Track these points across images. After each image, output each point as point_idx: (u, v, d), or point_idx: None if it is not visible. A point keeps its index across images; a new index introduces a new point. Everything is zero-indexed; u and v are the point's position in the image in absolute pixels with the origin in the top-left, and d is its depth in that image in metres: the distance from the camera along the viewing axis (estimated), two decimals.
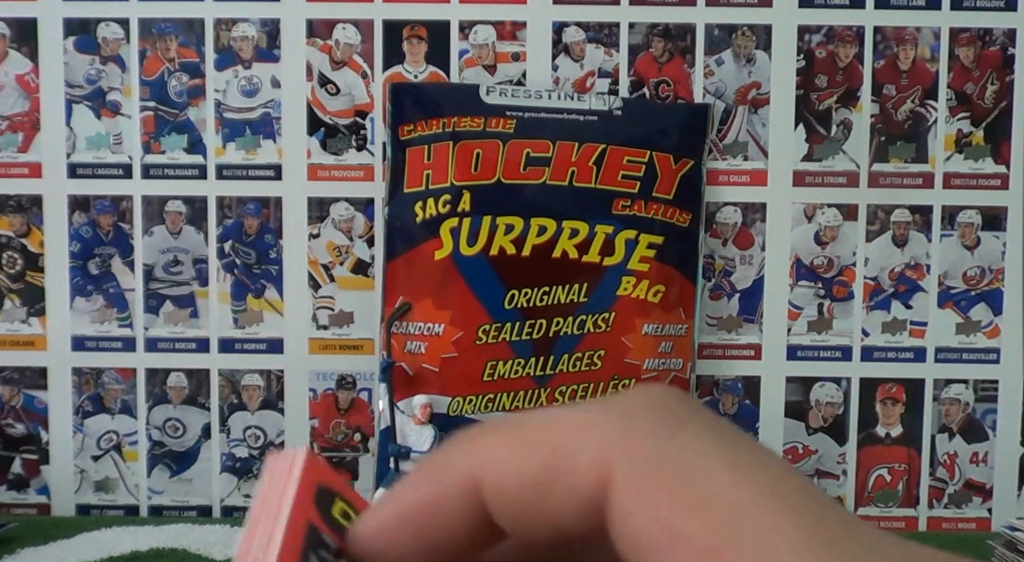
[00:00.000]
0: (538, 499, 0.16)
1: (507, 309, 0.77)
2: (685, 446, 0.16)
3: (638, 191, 0.79)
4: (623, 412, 0.16)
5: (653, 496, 0.15)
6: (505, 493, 0.17)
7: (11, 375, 0.83)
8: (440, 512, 0.17)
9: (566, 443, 0.16)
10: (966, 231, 0.83)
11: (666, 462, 0.15)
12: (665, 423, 0.16)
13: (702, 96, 0.82)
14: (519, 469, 0.16)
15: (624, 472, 0.15)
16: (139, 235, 0.83)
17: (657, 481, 0.15)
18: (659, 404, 0.17)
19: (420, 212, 0.78)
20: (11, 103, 0.82)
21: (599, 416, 0.16)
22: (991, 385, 0.83)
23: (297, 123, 0.82)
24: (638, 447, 0.16)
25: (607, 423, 0.16)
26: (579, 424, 0.16)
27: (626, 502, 0.15)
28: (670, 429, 0.16)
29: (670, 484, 0.15)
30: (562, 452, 0.16)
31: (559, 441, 0.16)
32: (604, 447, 0.16)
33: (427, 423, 0.75)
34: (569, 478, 0.16)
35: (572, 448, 0.16)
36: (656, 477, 0.15)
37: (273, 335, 0.83)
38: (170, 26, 0.82)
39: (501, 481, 0.17)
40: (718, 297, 0.83)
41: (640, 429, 0.16)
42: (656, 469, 0.15)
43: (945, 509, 0.84)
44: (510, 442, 0.17)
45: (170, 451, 0.84)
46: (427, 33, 0.82)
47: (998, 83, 0.82)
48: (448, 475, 0.17)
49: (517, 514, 0.17)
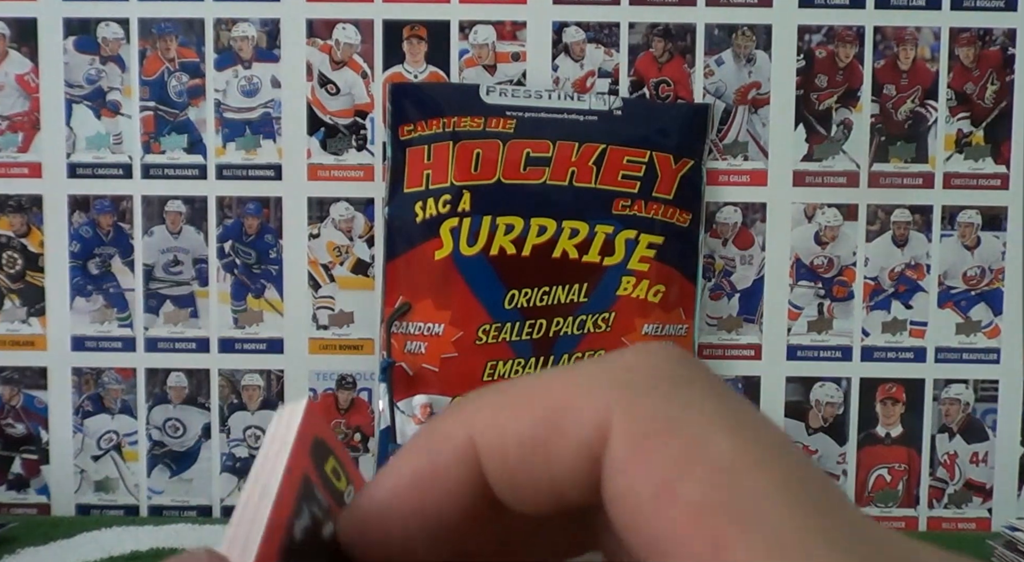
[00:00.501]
0: (537, 458, 0.16)
1: (507, 309, 0.77)
2: (686, 405, 0.15)
3: (638, 191, 0.79)
4: (624, 369, 0.16)
5: (650, 453, 0.15)
6: (504, 454, 0.16)
7: (11, 375, 0.83)
8: (438, 482, 0.16)
9: (564, 400, 0.16)
10: (966, 231, 0.83)
11: (665, 420, 0.15)
12: (667, 381, 0.16)
13: (702, 96, 0.82)
14: (516, 428, 0.16)
15: (622, 428, 0.15)
16: (139, 235, 0.83)
17: (655, 438, 0.15)
18: (662, 362, 0.16)
19: (420, 212, 0.78)
20: (11, 103, 0.82)
21: (599, 373, 0.16)
22: (991, 385, 0.83)
23: (297, 123, 0.82)
24: (638, 404, 0.15)
25: (607, 380, 0.16)
26: (578, 381, 0.16)
27: (622, 458, 0.15)
28: (672, 387, 0.16)
29: (668, 442, 0.15)
30: (561, 408, 0.16)
31: (557, 398, 0.16)
32: (603, 403, 0.15)
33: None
34: (567, 434, 0.15)
35: (570, 405, 0.16)
36: (654, 434, 0.15)
37: (273, 335, 0.83)
38: (170, 26, 0.82)
39: (499, 442, 0.16)
40: (718, 297, 0.83)
41: (641, 386, 0.16)
42: (655, 426, 0.15)
43: (945, 509, 0.84)
44: (507, 402, 0.16)
45: (170, 451, 0.84)
46: (427, 33, 0.82)
47: (998, 83, 0.82)
48: (444, 443, 0.17)
49: (516, 477, 0.16)
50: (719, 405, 0.15)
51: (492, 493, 0.17)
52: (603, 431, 0.15)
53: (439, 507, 0.16)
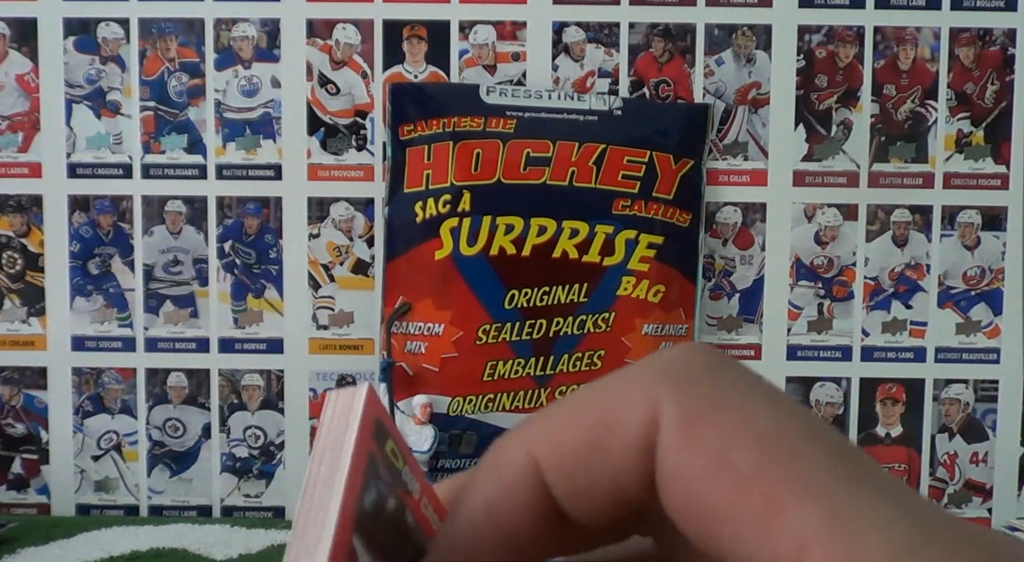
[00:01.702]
0: (595, 461, 0.17)
1: (507, 309, 0.77)
2: (728, 387, 0.16)
3: (638, 191, 0.79)
4: (665, 364, 0.17)
5: (699, 430, 0.16)
6: (563, 464, 0.17)
7: (11, 375, 0.83)
8: (509, 507, 0.17)
9: (614, 400, 0.17)
10: (966, 231, 0.83)
11: (710, 402, 0.16)
12: (707, 371, 0.17)
13: (702, 96, 0.82)
14: (572, 436, 0.17)
15: (670, 413, 0.16)
16: (139, 235, 0.83)
17: (703, 418, 0.16)
18: (700, 356, 0.17)
19: (420, 212, 0.78)
20: (11, 103, 0.82)
21: (643, 371, 0.17)
22: (991, 385, 0.83)
23: (297, 123, 0.82)
24: (683, 391, 0.16)
25: (651, 375, 0.17)
26: (624, 381, 0.17)
27: (674, 439, 0.16)
28: (712, 376, 0.17)
29: (715, 420, 0.16)
30: (611, 408, 0.17)
31: (607, 400, 0.17)
32: (650, 395, 0.16)
33: (427, 423, 0.75)
34: (620, 430, 0.16)
35: (620, 402, 0.17)
36: (702, 415, 0.16)
37: (273, 335, 0.83)
38: (170, 26, 0.82)
39: (558, 453, 0.17)
40: (718, 297, 0.83)
41: (684, 376, 0.17)
42: (701, 408, 0.16)
43: (945, 509, 0.84)
44: (560, 415, 0.17)
45: (170, 451, 0.84)
46: (427, 33, 0.82)
47: (998, 83, 0.82)
48: (508, 467, 0.17)
49: (577, 484, 0.17)
50: (756, 388, 0.17)
51: (558, 506, 0.17)
52: (653, 420, 0.16)
53: (514, 529, 0.17)
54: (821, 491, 0.15)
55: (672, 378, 0.17)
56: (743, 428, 0.16)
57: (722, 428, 0.16)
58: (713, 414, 0.16)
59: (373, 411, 0.18)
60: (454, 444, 0.77)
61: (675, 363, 0.17)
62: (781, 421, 0.16)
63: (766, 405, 0.16)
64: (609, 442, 0.16)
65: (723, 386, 0.16)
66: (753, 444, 0.15)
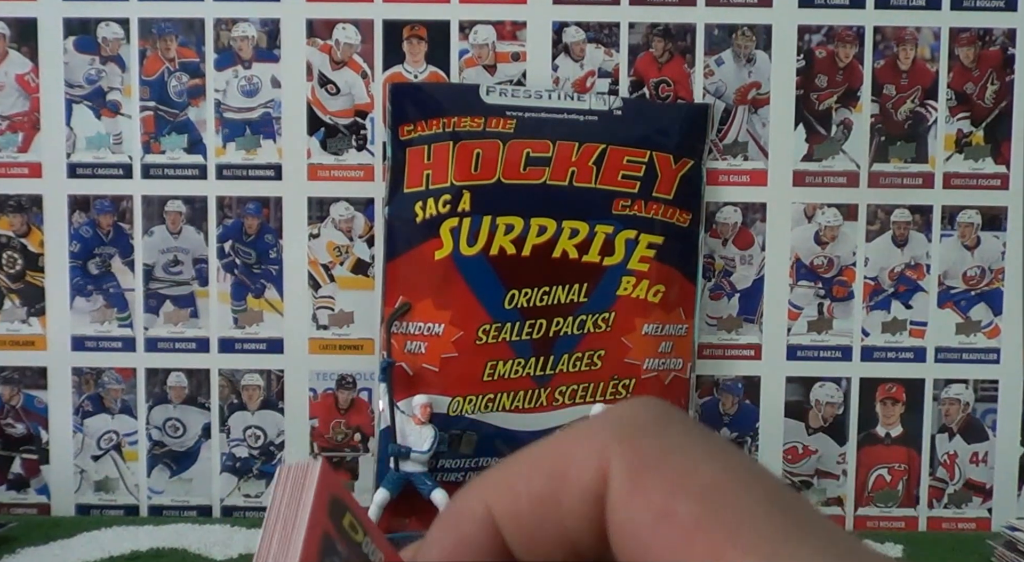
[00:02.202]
0: (548, 511, 0.17)
1: (507, 309, 0.77)
2: (674, 442, 0.17)
3: (638, 191, 0.79)
4: (616, 419, 0.18)
5: (646, 484, 0.17)
6: (518, 514, 0.18)
7: (11, 375, 0.83)
8: (467, 555, 0.18)
9: (567, 453, 0.18)
10: (966, 231, 0.83)
11: (657, 456, 0.17)
12: (654, 425, 0.18)
13: (702, 96, 0.82)
14: (527, 488, 0.18)
15: (619, 467, 0.17)
16: (139, 235, 0.83)
17: (649, 472, 0.17)
18: (648, 411, 0.18)
19: (420, 212, 0.78)
20: (11, 103, 0.82)
21: (594, 426, 0.18)
22: (991, 385, 0.83)
23: (297, 123, 0.82)
24: (631, 445, 0.17)
25: (602, 430, 0.18)
26: (576, 437, 0.18)
27: (622, 492, 0.17)
28: (659, 430, 0.18)
29: (661, 473, 0.17)
30: (564, 461, 0.18)
31: (560, 453, 0.18)
32: (601, 449, 0.17)
33: (427, 423, 0.75)
34: (572, 481, 0.17)
35: (572, 457, 0.17)
36: (648, 468, 0.17)
37: (273, 335, 0.83)
38: (170, 26, 0.82)
39: (513, 505, 0.18)
40: (718, 297, 0.83)
41: (632, 431, 0.18)
42: (648, 462, 0.17)
43: (945, 509, 0.84)
44: (515, 468, 0.18)
45: (170, 451, 0.84)
46: (427, 33, 0.82)
47: (998, 83, 0.82)
48: (466, 518, 0.18)
49: (533, 535, 0.18)
50: (701, 441, 0.18)
51: (513, 557, 0.18)
52: (603, 472, 0.17)
53: None
54: (760, 542, 0.15)
55: (621, 433, 0.17)
56: (686, 481, 0.16)
57: (666, 481, 0.16)
58: (658, 467, 0.17)
59: (327, 488, 0.18)
60: (454, 444, 0.77)
61: (624, 418, 0.18)
62: (722, 473, 0.17)
63: (709, 457, 0.17)
64: (561, 494, 0.17)
65: (669, 440, 0.17)
66: (695, 497, 0.16)
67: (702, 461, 0.17)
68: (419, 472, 0.75)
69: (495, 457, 0.77)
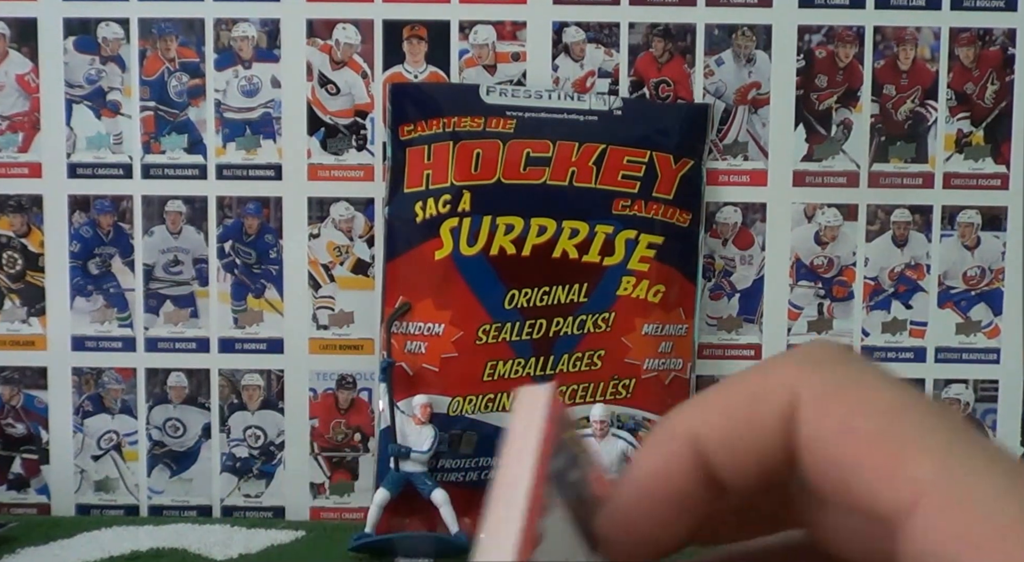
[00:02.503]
0: (747, 430, 0.20)
1: (507, 309, 0.77)
2: (856, 372, 0.20)
3: (638, 191, 0.79)
4: (803, 354, 0.21)
5: (830, 405, 0.19)
6: (720, 433, 0.20)
7: (11, 375, 0.83)
8: (675, 469, 0.20)
9: (760, 384, 0.20)
10: (966, 231, 0.83)
11: (839, 384, 0.20)
12: (836, 360, 0.20)
13: (702, 96, 0.82)
14: (728, 409, 0.20)
15: (808, 393, 0.19)
16: (139, 235, 0.83)
17: (833, 396, 0.19)
18: (831, 348, 0.21)
19: (420, 212, 0.78)
20: (11, 103, 0.82)
21: (785, 360, 0.21)
22: (991, 385, 0.83)
23: (297, 123, 0.82)
24: (817, 375, 0.20)
25: (791, 363, 0.20)
26: (768, 370, 0.21)
27: (809, 412, 0.19)
28: (841, 364, 0.20)
29: (844, 397, 0.19)
30: (759, 390, 0.20)
31: (756, 381, 0.20)
32: (793, 377, 0.20)
33: (427, 423, 0.75)
34: (767, 404, 0.20)
35: (766, 386, 0.20)
36: (833, 393, 0.19)
37: (273, 335, 0.83)
38: (170, 26, 0.82)
39: (716, 425, 0.20)
40: (718, 297, 0.83)
41: (818, 364, 0.20)
42: (832, 388, 0.19)
43: None
44: (715, 395, 0.21)
45: (170, 451, 0.84)
46: (427, 33, 0.82)
47: (998, 83, 0.82)
48: (673, 437, 0.21)
49: (733, 450, 0.20)
50: (878, 373, 0.20)
51: (714, 476, 0.20)
52: (794, 398, 0.20)
53: (677, 490, 0.21)
54: (936, 450, 0.18)
55: (807, 366, 0.20)
56: (866, 403, 0.19)
57: (848, 402, 0.19)
58: (841, 392, 0.19)
59: (559, 404, 0.21)
60: (454, 444, 0.77)
61: (812, 355, 0.21)
62: (898, 398, 0.19)
63: (887, 385, 0.19)
64: (758, 415, 0.20)
65: (849, 371, 0.20)
66: (875, 413, 0.19)
67: (880, 387, 0.19)
68: (419, 472, 0.75)
69: (495, 457, 0.77)
